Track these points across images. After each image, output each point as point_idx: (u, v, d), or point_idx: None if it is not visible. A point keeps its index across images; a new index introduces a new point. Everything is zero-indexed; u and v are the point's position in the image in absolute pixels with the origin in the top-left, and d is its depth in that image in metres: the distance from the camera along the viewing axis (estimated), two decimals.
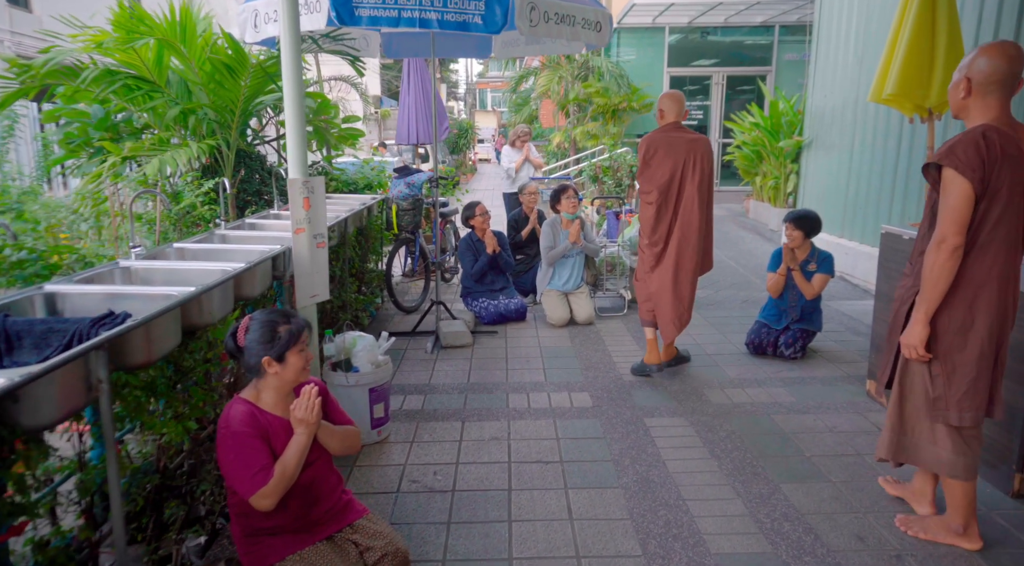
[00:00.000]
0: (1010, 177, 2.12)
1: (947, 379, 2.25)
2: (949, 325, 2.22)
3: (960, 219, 2.13)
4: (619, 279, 5.76)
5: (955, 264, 2.15)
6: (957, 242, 2.13)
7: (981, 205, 2.13)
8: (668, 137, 4.07)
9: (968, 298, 2.19)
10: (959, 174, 2.12)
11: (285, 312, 2.11)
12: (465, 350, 4.77)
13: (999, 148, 2.12)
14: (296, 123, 3.24)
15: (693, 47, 13.78)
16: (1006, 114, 2.19)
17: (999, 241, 2.15)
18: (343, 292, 4.65)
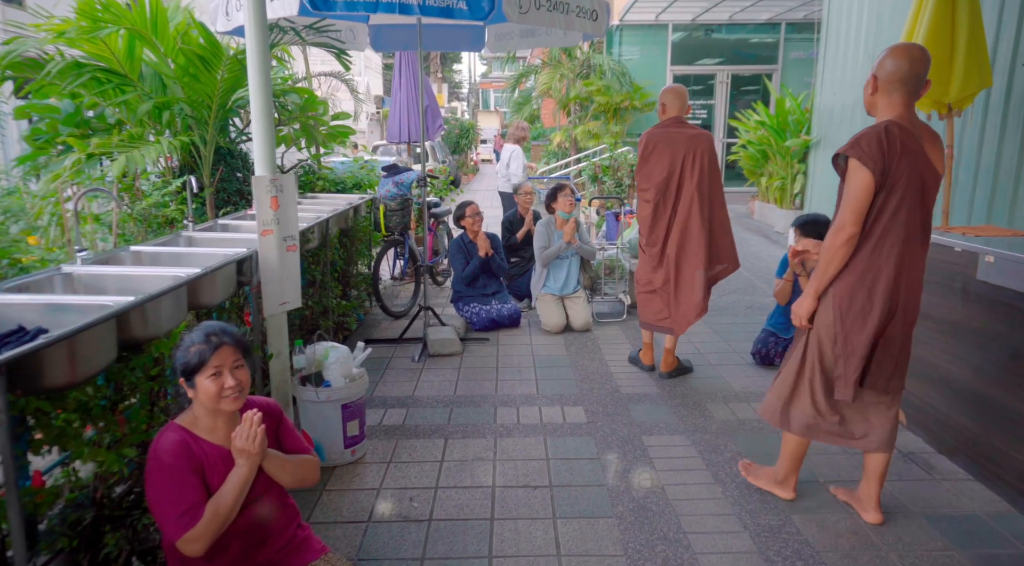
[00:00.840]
0: (908, 171, 2.24)
1: (846, 359, 2.39)
2: (851, 308, 2.35)
3: (859, 208, 2.26)
4: (618, 283, 5.48)
5: (848, 251, 2.31)
6: (853, 231, 2.28)
7: (880, 196, 2.25)
8: (668, 132, 3.84)
9: (868, 284, 2.32)
10: (862, 165, 2.23)
11: (215, 328, 1.84)
12: (454, 359, 4.51)
13: (900, 143, 2.23)
14: (262, 117, 2.98)
15: (697, 45, 13.50)
16: (909, 112, 2.30)
17: (896, 231, 2.27)
18: (324, 297, 4.40)
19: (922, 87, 2.29)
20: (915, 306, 2.38)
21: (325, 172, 6.08)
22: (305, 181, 5.93)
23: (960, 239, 2.95)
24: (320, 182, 5.94)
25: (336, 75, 7.81)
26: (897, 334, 2.37)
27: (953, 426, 2.98)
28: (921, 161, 2.25)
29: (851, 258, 2.33)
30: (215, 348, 1.78)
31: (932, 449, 3.11)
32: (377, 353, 4.63)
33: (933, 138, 2.33)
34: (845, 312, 2.36)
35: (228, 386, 1.79)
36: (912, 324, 2.40)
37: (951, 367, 2.97)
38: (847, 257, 2.32)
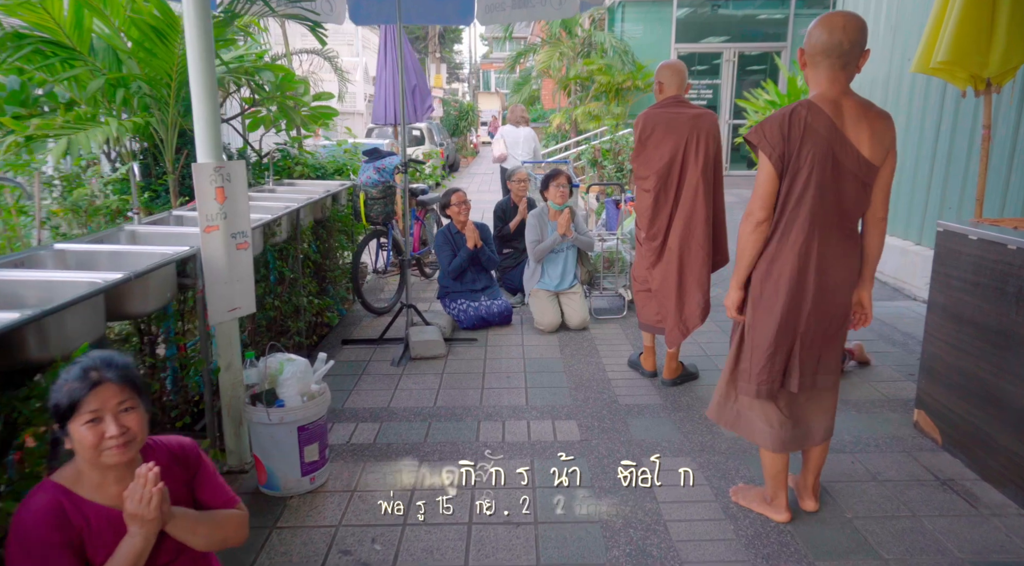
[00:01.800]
0: (813, 155, 2.10)
1: (752, 352, 2.30)
2: (761, 299, 2.26)
3: (763, 194, 2.18)
4: (618, 277, 5.08)
5: (759, 238, 2.22)
6: (760, 216, 2.20)
7: (784, 183, 2.15)
8: (668, 114, 3.45)
9: (774, 275, 2.22)
10: (761, 151, 2.16)
11: (96, 361, 1.45)
12: (437, 362, 4.13)
13: (804, 125, 2.09)
14: (203, 93, 2.57)
15: (703, 22, 12.95)
16: (835, 87, 2.14)
17: (802, 220, 2.15)
18: (296, 295, 4.01)
19: (854, 58, 2.11)
20: (835, 301, 2.24)
21: (305, 157, 5.66)
22: (282, 166, 5.52)
23: (1014, 235, 2.54)
24: (299, 167, 5.53)
25: (319, 53, 7.36)
26: (813, 330, 2.23)
27: (1001, 450, 2.59)
28: (835, 144, 2.11)
29: (765, 246, 2.25)
30: (92, 386, 1.40)
31: (975, 475, 2.72)
32: (354, 355, 4.25)
33: (867, 116, 2.14)
34: (756, 302, 2.29)
35: (110, 435, 1.40)
36: (835, 320, 2.26)
37: (1000, 382, 2.58)
38: (759, 244, 2.24)
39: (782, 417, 2.34)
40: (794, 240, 2.17)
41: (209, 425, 2.80)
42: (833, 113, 2.12)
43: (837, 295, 2.24)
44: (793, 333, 2.24)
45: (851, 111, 2.14)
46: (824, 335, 2.26)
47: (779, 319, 2.21)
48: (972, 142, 4.87)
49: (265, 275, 3.72)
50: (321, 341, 4.54)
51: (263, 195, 4.52)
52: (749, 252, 2.26)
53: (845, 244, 2.22)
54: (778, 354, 2.26)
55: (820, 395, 2.38)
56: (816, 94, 2.16)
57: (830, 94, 2.14)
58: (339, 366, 4.05)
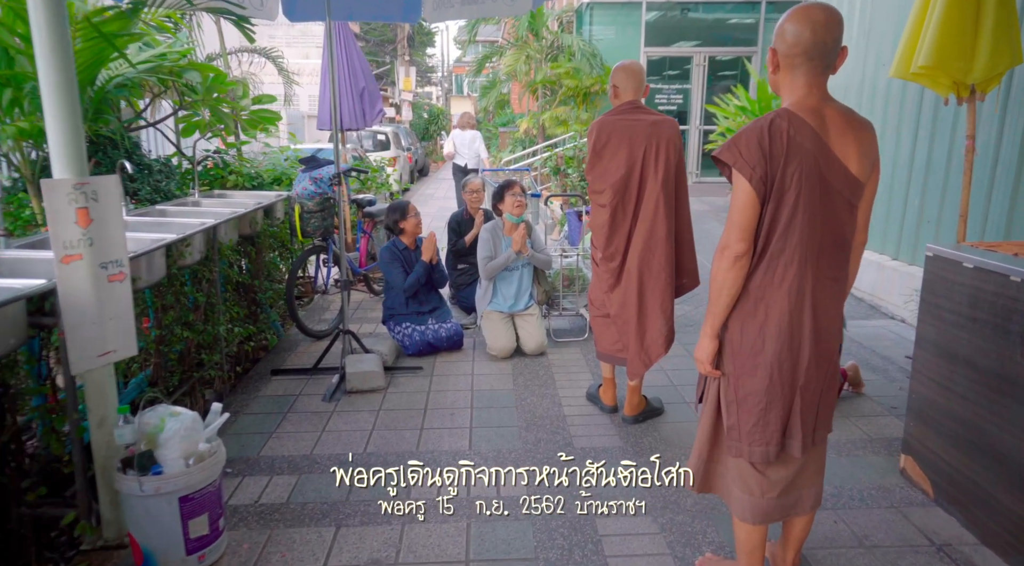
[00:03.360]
0: (800, 173, 1.77)
1: (738, 406, 1.96)
2: (741, 345, 1.92)
3: (743, 223, 1.83)
4: (579, 296, 4.70)
5: (738, 275, 1.86)
6: (739, 250, 1.84)
7: (767, 208, 1.81)
8: (624, 121, 3.11)
9: (760, 317, 1.88)
10: (738, 172, 1.81)
11: None
12: (375, 396, 3.70)
13: (786, 139, 1.77)
14: (56, 94, 2.13)
15: (673, 25, 12.71)
16: (815, 93, 1.83)
17: (790, 251, 1.82)
18: (214, 324, 3.55)
19: (833, 57, 1.81)
20: (831, 343, 1.92)
21: (240, 165, 5.19)
22: (215, 175, 5.05)
23: (1018, 264, 2.21)
24: (232, 176, 5.06)
25: (261, 52, 6.88)
26: (814, 382, 1.90)
27: (1004, 512, 2.25)
28: (822, 160, 1.79)
29: (744, 284, 1.89)
30: None
31: (974, 539, 2.38)
32: (283, 388, 3.81)
33: (851, 126, 1.83)
34: (736, 350, 1.94)
35: None
36: (832, 364, 1.95)
37: (1002, 434, 2.24)
38: (738, 282, 1.87)
39: (765, 483, 1.97)
40: (782, 276, 1.83)
41: (80, 493, 2.34)
42: (817, 124, 1.79)
43: (832, 335, 1.92)
44: (791, 388, 1.89)
45: (835, 121, 1.81)
46: (820, 382, 1.93)
47: (770, 370, 1.87)
48: (951, 153, 4.59)
49: (174, 302, 3.27)
50: (247, 373, 4.09)
51: (184, 209, 4.06)
52: (727, 293, 1.88)
53: (837, 277, 1.89)
54: (772, 410, 1.90)
55: (813, 452, 2.02)
56: (793, 102, 1.83)
57: (809, 101, 1.81)
58: (263, 403, 3.61)
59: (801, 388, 1.88)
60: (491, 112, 20.68)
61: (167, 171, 4.58)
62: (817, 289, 1.85)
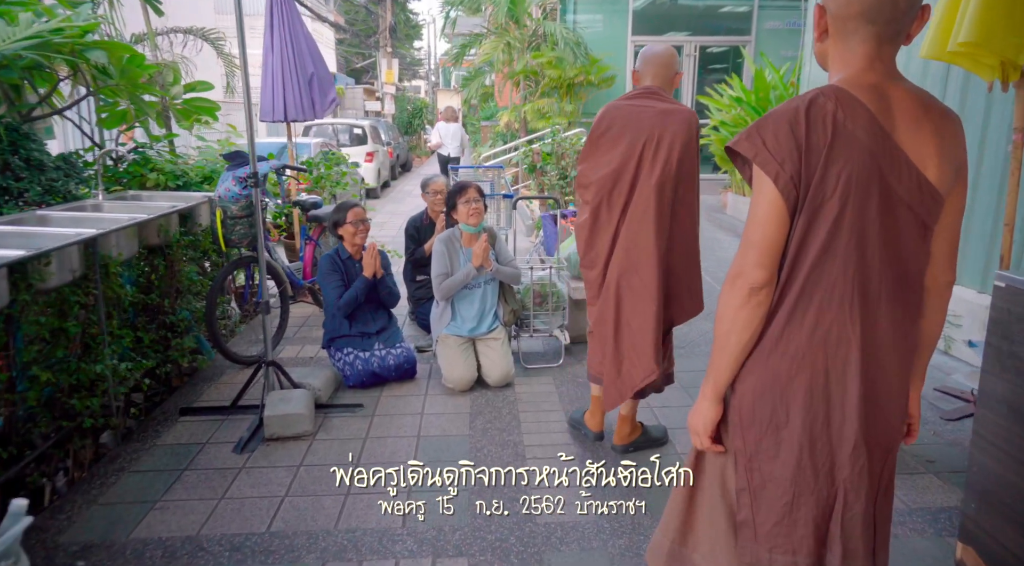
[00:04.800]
0: (850, 176, 1.21)
1: (754, 496, 1.38)
2: (756, 415, 1.35)
3: (763, 242, 1.27)
4: (553, 315, 4.05)
5: (754, 315, 1.30)
6: (757, 279, 1.28)
7: (798, 221, 1.26)
8: (631, 107, 2.57)
9: (784, 376, 1.31)
10: (760, 169, 1.26)
11: None
12: (298, 445, 3.04)
13: (832, 125, 1.21)
14: None
15: (662, 14, 12.05)
16: (877, 68, 1.26)
17: (829, 284, 1.26)
18: (99, 358, 2.87)
19: (908, 20, 1.26)
20: (890, 419, 1.33)
21: (163, 162, 4.49)
22: (133, 174, 4.35)
23: None
24: (154, 175, 4.36)
25: (196, 32, 6.14)
26: (858, 468, 1.32)
27: None
28: (884, 159, 1.24)
29: (763, 328, 1.35)
30: None
31: None
32: (189, 433, 3.14)
33: (929, 116, 1.27)
34: (748, 420, 1.39)
35: None
36: (888, 449, 1.36)
37: None
38: (753, 324, 1.33)
39: None
40: (815, 321, 1.30)
41: None
42: (879, 108, 1.25)
43: (892, 410, 1.35)
44: (828, 479, 1.34)
45: (905, 106, 1.26)
46: (877, 480, 1.36)
47: (799, 452, 1.34)
48: (983, 146, 3.98)
49: (35, 334, 2.60)
50: (157, 407, 3.41)
51: (71, 216, 3.36)
52: (738, 338, 1.34)
53: (903, 326, 1.33)
54: (802, 507, 1.35)
55: None
56: (846, 78, 1.28)
57: (868, 77, 1.27)
58: (158, 455, 2.93)
59: (845, 481, 1.32)
60: (475, 106, 19.97)
61: (67, 168, 3.88)
62: (870, 342, 1.29)
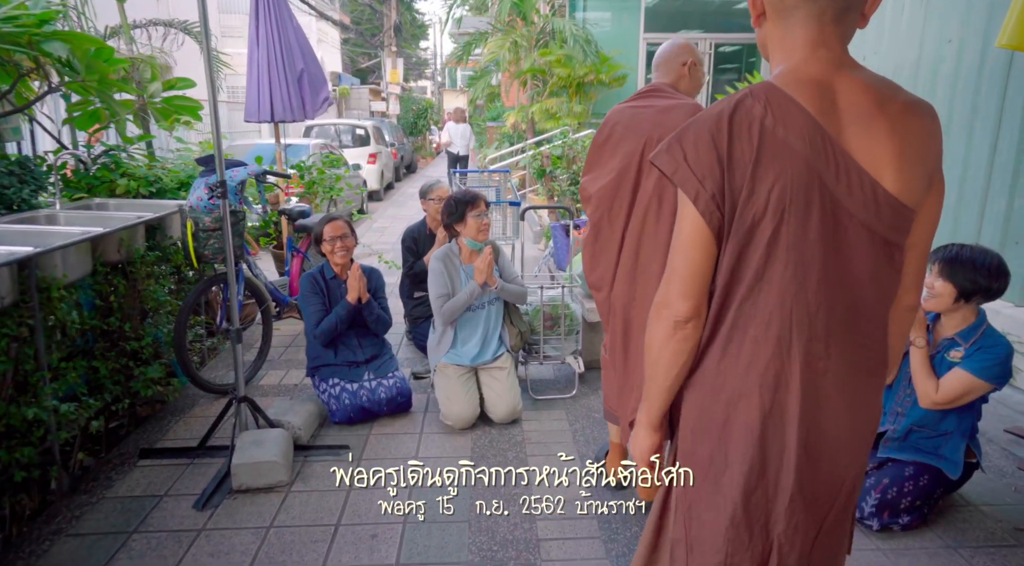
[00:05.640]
0: (783, 190, 1.04)
1: (688, 551, 1.23)
2: (696, 453, 1.19)
3: (687, 269, 1.12)
4: (565, 340, 3.61)
5: (680, 348, 1.15)
6: (681, 311, 1.13)
7: (726, 247, 1.09)
8: (631, 109, 2.25)
9: (719, 415, 1.15)
10: (679, 187, 1.11)
11: None
12: (270, 499, 2.61)
13: (759, 134, 1.05)
14: None
15: (675, 9, 11.59)
16: (821, 55, 1.09)
17: (764, 317, 1.09)
18: (23, 406, 2.44)
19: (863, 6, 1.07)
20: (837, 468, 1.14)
21: (135, 167, 4.08)
22: (102, 179, 3.94)
23: None
24: (124, 180, 3.95)
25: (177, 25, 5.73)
26: (795, 526, 1.13)
27: None
28: (825, 168, 1.03)
29: (694, 367, 1.17)
30: None
31: None
32: (147, 482, 2.71)
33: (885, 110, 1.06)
34: (686, 464, 1.21)
35: None
36: (836, 502, 1.16)
37: None
38: (680, 358, 1.15)
39: None
40: (751, 359, 1.11)
41: None
42: (819, 106, 1.06)
43: (841, 459, 1.15)
44: (763, 534, 1.16)
45: (855, 100, 1.07)
46: (814, 539, 1.17)
47: (733, 506, 1.15)
48: None
49: None
50: (116, 446, 2.99)
51: (14, 229, 2.94)
52: (665, 372, 1.19)
53: (857, 361, 1.12)
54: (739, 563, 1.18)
55: None
56: (785, 71, 1.10)
57: (811, 68, 1.09)
58: (104, 513, 2.51)
59: (779, 536, 1.14)
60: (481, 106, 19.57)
61: (22, 173, 3.47)
62: (811, 382, 1.10)
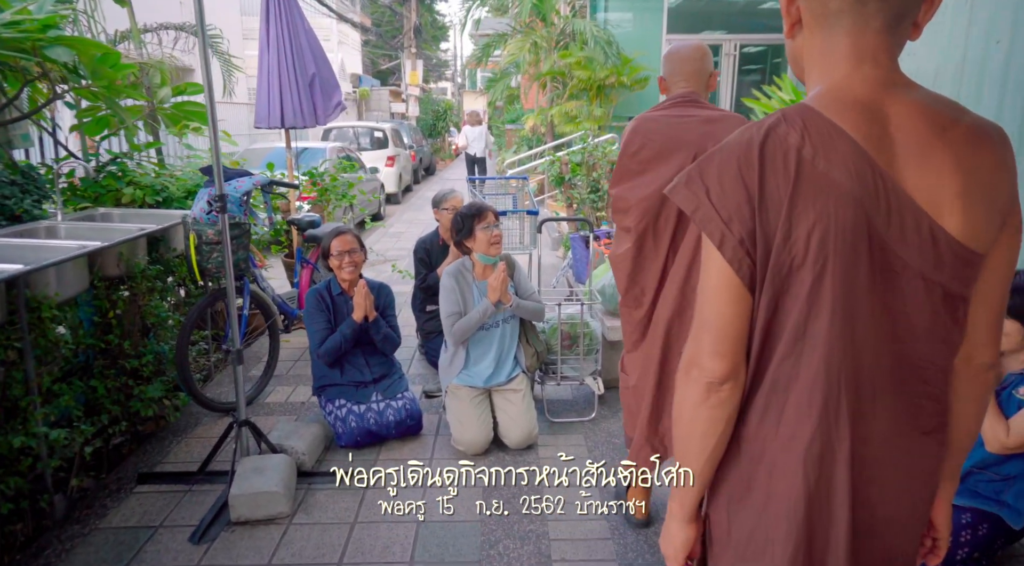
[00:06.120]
0: (825, 233, 0.85)
1: None
2: (731, 539, 1.01)
3: (718, 323, 0.93)
4: (584, 360, 3.42)
5: (715, 414, 0.95)
6: (715, 371, 0.93)
7: (761, 298, 0.91)
8: (669, 118, 2.11)
9: (758, 494, 0.97)
10: (702, 229, 0.94)
11: None
12: (271, 531, 2.46)
13: (795, 167, 0.86)
14: None
15: (698, 10, 11.34)
16: (868, 72, 0.89)
17: (806, 380, 0.90)
18: (10, 434, 2.31)
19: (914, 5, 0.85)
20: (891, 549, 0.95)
21: (142, 175, 3.97)
22: (108, 188, 3.84)
23: None
24: (130, 189, 3.84)
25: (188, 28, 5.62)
26: None
27: None
28: (874, 208, 0.84)
29: (733, 431, 0.97)
30: None
31: None
32: (143, 510, 2.58)
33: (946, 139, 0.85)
34: (721, 542, 1.01)
35: None
36: None
37: None
38: (717, 426, 0.95)
39: None
40: (793, 432, 0.92)
41: None
42: (866, 134, 0.86)
43: (896, 536, 0.97)
44: None
45: (910, 127, 0.87)
46: None
47: None
48: None
49: None
50: (116, 468, 2.87)
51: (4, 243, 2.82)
52: (700, 445, 0.99)
53: (912, 428, 0.94)
54: None
55: None
56: (825, 90, 0.90)
57: (855, 89, 0.89)
58: (96, 545, 2.37)
59: None
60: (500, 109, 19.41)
61: (25, 182, 3.37)
62: (861, 456, 0.92)
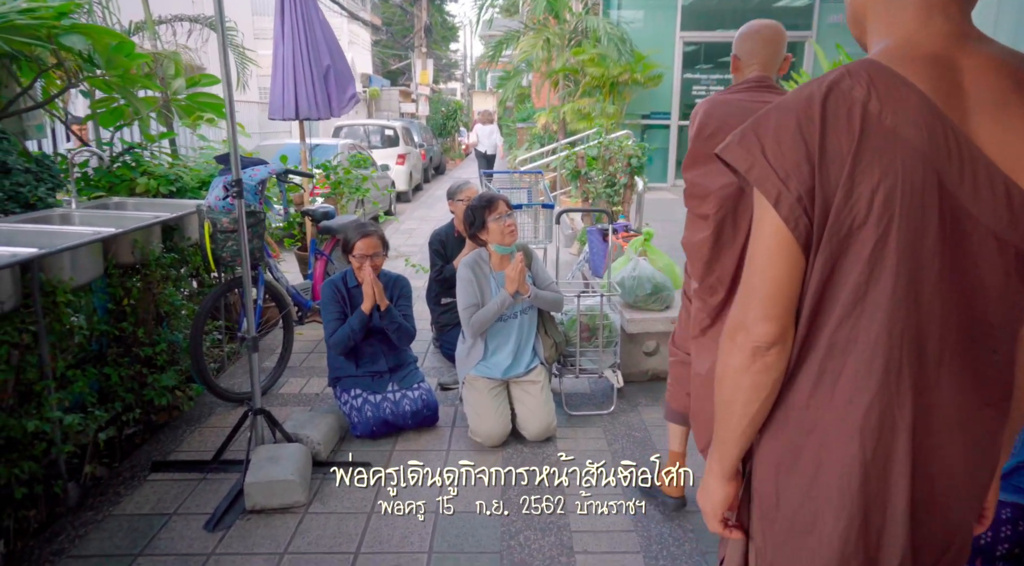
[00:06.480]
0: (890, 191, 0.81)
1: None
2: (778, 509, 0.96)
3: (768, 288, 0.89)
4: (604, 352, 3.36)
5: (760, 380, 0.91)
6: (763, 335, 0.89)
7: (815, 260, 0.87)
8: (745, 102, 2.05)
9: (808, 466, 0.92)
10: (757, 188, 0.90)
11: None
12: (286, 521, 2.42)
13: (860, 122, 0.82)
14: None
15: (712, 8, 11.26)
16: (938, 26, 0.85)
17: (866, 346, 0.86)
18: (21, 417, 2.28)
19: None
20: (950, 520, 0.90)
21: (155, 165, 3.95)
22: (122, 178, 3.82)
23: None
24: (144, 179, 3.82)
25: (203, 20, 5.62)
26: None
27: None
28: (947, 165, 0.80)
29: (779, 398, 0.93)
30: None
31: None
32: (158, 497, 2.55)
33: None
34: (768, 513, 0.96)
35: None
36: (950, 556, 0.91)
37: None
38: (761, 393, 0.91)
39: None
40: (849, 397, 0.88)
41: None
42: (937, 88, 0.82)
43: (955, 506, 0.92)
44: None
45: (985, 81, 0.83)
46: None
47: (832, 555, 0.90)
48: None
49: None
50: (129, 456, 2.84)
51: (22, 229, 2.80)
52: (743, 410, 0.94)
53: (976, 397, 0.89)
54: None
55: None
56: (889, 47, 0.86)
57: (924, 44, 0.85)
58: (110, 531, 2.34)
59: None
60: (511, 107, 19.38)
61: (39, 171, 3.35)
62: (924, 425, 0.87)
